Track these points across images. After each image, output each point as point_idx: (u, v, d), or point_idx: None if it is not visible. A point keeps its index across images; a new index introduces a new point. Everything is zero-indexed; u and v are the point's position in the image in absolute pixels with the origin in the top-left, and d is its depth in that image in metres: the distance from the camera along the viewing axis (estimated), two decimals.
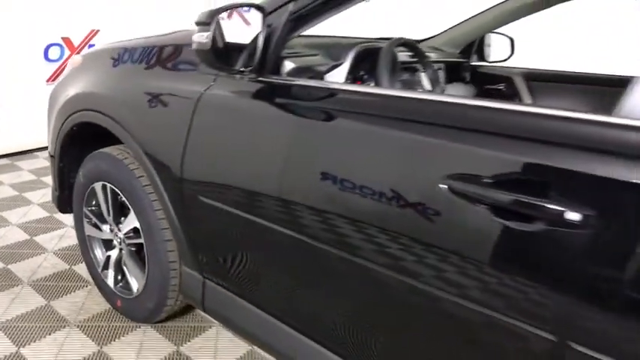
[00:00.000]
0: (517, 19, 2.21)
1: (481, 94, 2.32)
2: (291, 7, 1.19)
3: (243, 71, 1.24)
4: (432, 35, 2.49)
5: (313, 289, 1.22)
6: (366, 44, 1.45)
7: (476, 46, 2.40)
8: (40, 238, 2.40)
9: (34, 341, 1.68)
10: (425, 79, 1.68)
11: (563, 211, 0.74)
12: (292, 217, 1.15)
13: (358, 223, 1.02)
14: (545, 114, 0.83)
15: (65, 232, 2.45)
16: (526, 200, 0.79)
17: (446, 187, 0.87)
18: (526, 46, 2.49)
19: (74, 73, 1.89)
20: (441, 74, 2.05)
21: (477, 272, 0.86)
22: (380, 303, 1.05)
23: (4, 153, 3.55)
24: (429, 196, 0.90)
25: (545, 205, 0.76)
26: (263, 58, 1.22)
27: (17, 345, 1.66)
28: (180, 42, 1.51)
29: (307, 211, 1.12)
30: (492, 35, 2.40)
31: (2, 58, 3.39)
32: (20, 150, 3.62)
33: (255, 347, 1.68)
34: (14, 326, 1.75)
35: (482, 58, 2.46)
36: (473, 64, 2.41)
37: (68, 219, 2.09)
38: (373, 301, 1.06)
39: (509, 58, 2.45)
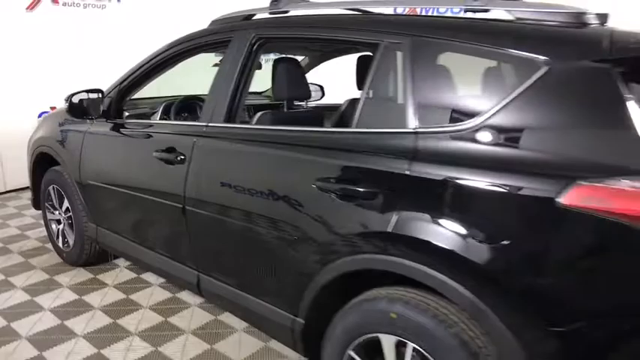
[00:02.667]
0: (309, 71, 3.56)
1: None
2: (119, 87, 2.60)
3: (99, 117, 2.63)
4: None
5: (142, 221, 2.56)
6: (169, 101, 2.86)
7: None
8: (27, 232, 3.80)
9: (17, 275, 3.04)
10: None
11: (178, 155, 2.08)
12: (129, 184, 2.49)
13: (149, 182, 2.35)
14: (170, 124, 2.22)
15: (44, 229, 3.84)
16: (171, 155, 2.13)
17: (155, 154, 2.21)
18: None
19: (38, 127, 3.33)
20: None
21: (167, 191, 2.20)
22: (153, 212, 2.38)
23: (10, 189, 5.02)
24: (151, 159, 2.23)
25: (176, 156, 2.10)
26: (108, 111, 2.62)
27: (7, 276, 3.02)
28: None
29: (133, 180, 2.47)
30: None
31: (6, 122, 4.85)
32: (21, 187, 5.06)
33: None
34: (5, 270, 3.11)
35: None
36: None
37: None
38: (155, 212, 2.38)
39: (321, 98, 3.85)
